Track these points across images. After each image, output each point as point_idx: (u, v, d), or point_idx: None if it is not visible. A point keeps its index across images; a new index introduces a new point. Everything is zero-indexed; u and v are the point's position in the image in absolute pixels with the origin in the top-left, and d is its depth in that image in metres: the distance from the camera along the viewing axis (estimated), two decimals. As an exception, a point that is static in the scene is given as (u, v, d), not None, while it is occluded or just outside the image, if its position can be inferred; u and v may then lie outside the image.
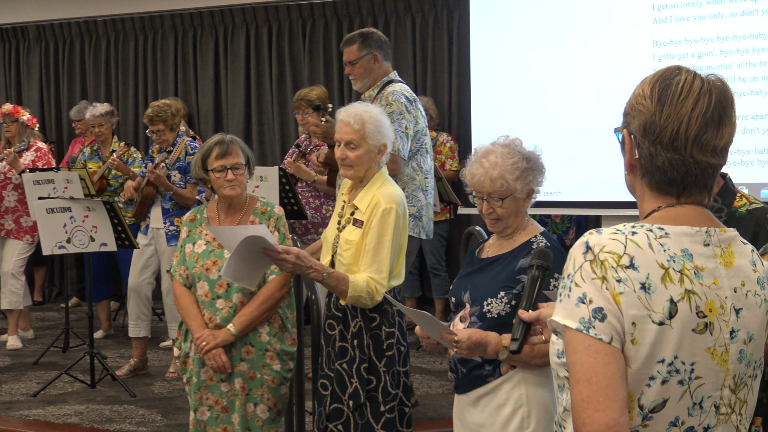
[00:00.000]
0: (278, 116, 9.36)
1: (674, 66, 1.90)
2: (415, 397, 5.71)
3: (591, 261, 1.78)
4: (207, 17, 9.66)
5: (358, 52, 5.30)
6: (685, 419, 1.81)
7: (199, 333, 4.08)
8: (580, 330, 1.75)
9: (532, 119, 5.95)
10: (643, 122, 1.86)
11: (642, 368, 1.76)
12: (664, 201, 1.89)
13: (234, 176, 4.16)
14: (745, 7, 5.30)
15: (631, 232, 1.81)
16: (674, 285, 1.78)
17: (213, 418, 4.13)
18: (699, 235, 1.85)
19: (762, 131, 5.24)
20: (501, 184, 3.20)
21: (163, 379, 6.64)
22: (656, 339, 1.76)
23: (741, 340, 1.85)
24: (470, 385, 3.26)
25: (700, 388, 1.81)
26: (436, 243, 7.97)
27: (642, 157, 1.88)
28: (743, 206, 2.89)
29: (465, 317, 3.25)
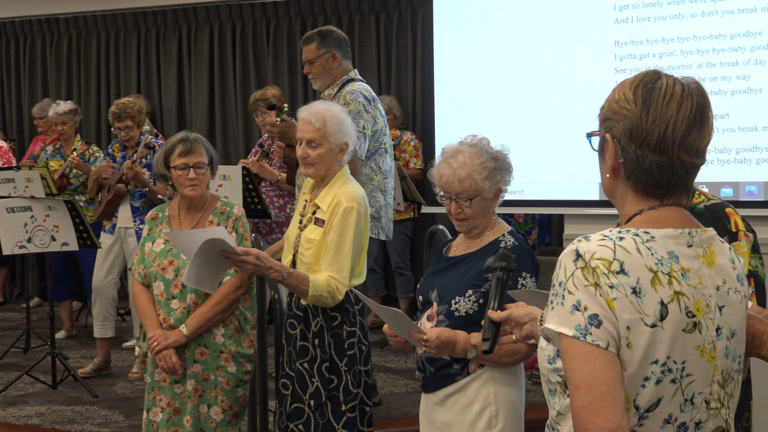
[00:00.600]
0: (242, 115, 9.34)
1: (652, 70, 1.95)
2: (379, 396, 5.71)
3: (582, 268, 1.81)
4: (170, 15, 9.61)
5: (317, 50, 5.26)
6: (678, 416, 1.86)
7: (151, 333, 4.05)
8: (576, 337, 1.79)
9: (495, 118, 5.96)
10: (628, 126, 1.90)
11: (637, 370, 1.81)
12: (647, 203, 1.93)
13: (196, 175, 4.12)
14: (705, 8, 5.35)
15: (619, 237, 1.85)
16: (663, 287, 1.83)
17: (164, 420, 4.09)
18: (682, 236, 1.90)
19: (722, 131, 5.28)
20: (469, 184, 3.21)
21: (126, 379, 6.60)
22: (650, 341, 1.80)
23: (725, 337, 1.92)
24: (438, 384, 3.27)
25: (691, 384, 1.86)
26: (400, 242, 7.98)
27: (627, 161, 1.92)
28: (701, 203, 2.95)
29: (432, 316, 3.25)
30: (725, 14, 5.33)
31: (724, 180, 5.29)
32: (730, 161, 5.28)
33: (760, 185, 5.18)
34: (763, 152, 5.18)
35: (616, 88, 1.97)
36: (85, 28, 9.95)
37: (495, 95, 6.05)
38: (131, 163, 6.37)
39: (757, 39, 5.20)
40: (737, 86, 5.27)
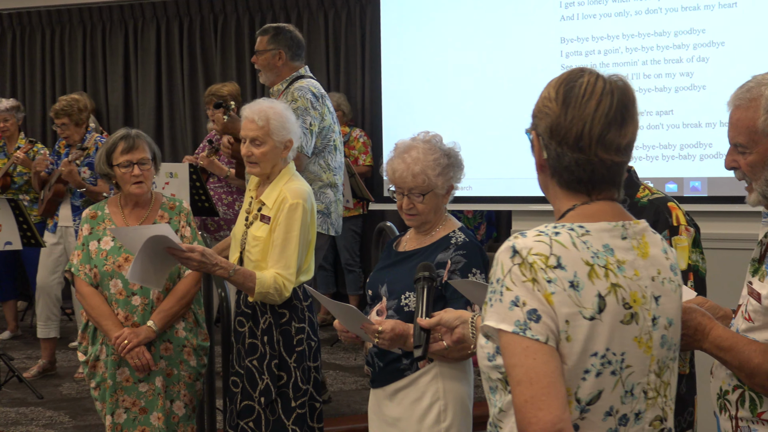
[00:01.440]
0: (190, 112, 9.27)
1: (578, 68, 1.97)
2: (328, 393, 5.71)
3: (519, 264, 1.82)
4: (116, 11, 9.51)
5: (266, 44, 5.28)
6: (619, 408, 1.88)
7: (117, 332, 3.96)
8: (516, 333, 1.80)
9: (443, 115, 5.98)
10: (549, 124, 1.92)
11: (577, 363, 1.82)
12: (577, 199, 1.95)
13: (140, 171, 4.06)
14: (649, 5, 5.41)
15: (555, 232, 1.86)
16: (600, 280, 1.85)
17: (130, 420, 4.04)
18: (617, 229, 1.92)
19: (666, 127, 5.35)
20: (423, 180, 3.23)
21: (72, 379, 6.52)
22: (589, 334, 1.82)
23: (662, 326, 1.94)
24: (387, 379, 3.28)
25: (631, 376, 1.88)
26: (349, 239, 7.97)
27: (550, 158, 1.94)
28: (645, 197, 2.99)
29: (382, 310, 3.26)
30: (669, 12, 5.40)
31: (668, 176, 5.36)
32: (675, 157, 5.35)
33: (704, 181, 5.26)
34: (706, 148, 5.25)
35: (546, 85, 1.98)
36: (29, 23, 9.80)
37: (443, 92, 6.07)
38: (66, 162, 6.30)
39: (701, 36, 5.28)
40: (681, 83, 5.34)
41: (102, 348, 4.07)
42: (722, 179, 5.09)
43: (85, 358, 4.14)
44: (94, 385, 4.11)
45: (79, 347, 4.22)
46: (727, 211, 5.09)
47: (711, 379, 2.49)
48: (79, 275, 4.08)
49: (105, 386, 4.06)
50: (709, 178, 5.23)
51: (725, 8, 5.23)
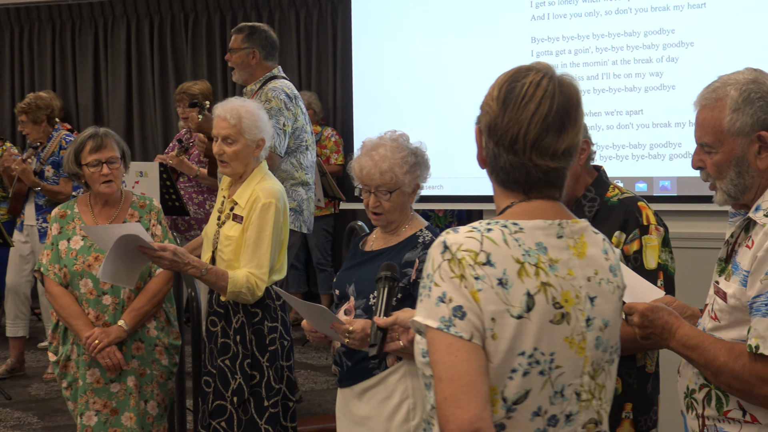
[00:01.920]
0: (161, 110, 9.23)
1: (526, 66, 1.93)
2: (300, 393, 5.71)
3: (449, 260, 1.81)
4: (86, 9, 9.44)
5: (241, 43, 5.34)
6: (548, 408, 1.84)
7: (88, 332, 3.93)
8: (441, 329, 1.78)
9: (415, 114, 5.99)
10: (488, 123, 1.91)
11: (503, 362, 1.79)
12: (515, 197, 1.93)
13: (109, 170, 4.03)
14: (619, 5, 5.44)
15: (487, 229, 1.84)
16: (530, 278, 1.82)
17: (101, 422, 4.00)
18: (552, 227, 1.89)
19: (636, 127, 5.38)
20: (390, 177, 3.23)
21: (41, 380, 6.47)
22: (516, 332, 1.79)
23: (597, 328, 1.90)
24: (356, 378, 3.28)
25: (561, 377, 1.84)
26: (321, 238, 7.97)
27: (488, 156, 1.93)
28: (615, 196, 3.00)
29: (350, 310, 3.26)
30: (639, 12, 5.43)
31: (638, 175, 5.39)
32: (645, 156, 5.38)
33: (674, 180, 5.30)
34: (676, 148, 5.29)
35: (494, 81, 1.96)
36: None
37: (414, 91, 6.08)
38: (20, 161, 6.26)
39: (670, 36, 5.31)
40: (651, 83, 5.38)
41: (73, 348, 4.05)
42: (691, 179, 5.13)
43: (56, 358, 4.10)
44: (65, 385, 4.09)
45: (49, 347, 4.18)
46: (696, 210, 5.13)
47: (678, 378, 2.51)
48: (48, 275, 4.05)
49: (76, 386, 4.04)
50: (678, 178, 5.27)
51: (694, 9, 5.27)
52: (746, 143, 2.30)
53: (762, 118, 2.28)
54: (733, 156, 2.32)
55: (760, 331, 2.16)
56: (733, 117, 2.30)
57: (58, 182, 6.36)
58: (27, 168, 6.25)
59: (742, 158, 2.32)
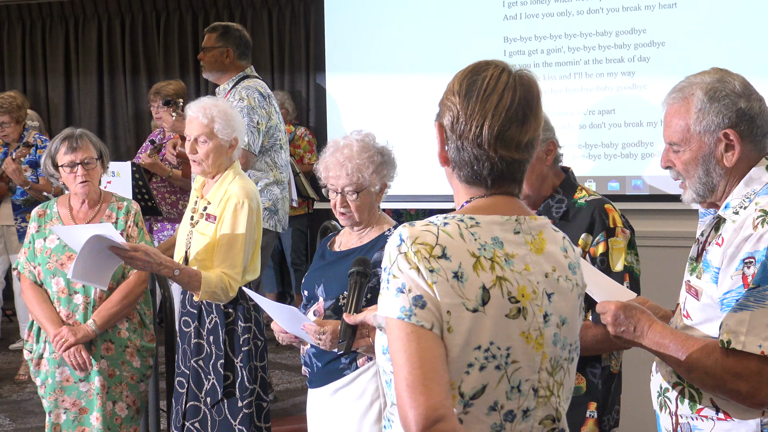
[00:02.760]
0: (132, 110, 9.17)
1: (484, 61, 1.95)
2: (274, 393, 5.70)
3: (405, 253, 1.80)
4: (56, 8, 9.36)
5: (215, 42, 5.37)
6: (504, 403, 1.84)
7: (56, 330, 3.95)
8: (402, 318, 1.77)
9: (387, 113, 5.99)
10: (451, 117, 1.91)
11: (460, 356, 1.79)
12: (476, 193, 1.93)
13: (85, 172, 4.03)
14: (591, 5, 5.46)
15: (444, 223, 1.84)
16: (486, 272, 1.82)
17: (69, 420, 4.03)
18: (509, 223, 1.90)
19: (608, 126, 5.41)
20: (357, 178, 3.23)
21: (13, 381, 6.42)
22: (471, 326, 1.79)
23: (554, 324, 1.90)
24: (326, 379, 3.27)
25: (517, 372, 1.84)
26: (295, 238, 7.95)
27: (451, 151, 1.93)
28: (582, 197, 3.02)
29: (319, 311, 3.25)
30: (611, 12, 5.46)
31: (611, 174, 5.42)
32: (617, 156, 5.41)
33: (645, 179, 5.33)
34: (647, 147, 5.32)
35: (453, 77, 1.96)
36: (-33, 20, 9.64)
37: (386, 90, 6.08)
38: (11, 160, 6.21)
39: (642, 36, 5.35)
40: (623, 83, 5.41)
41: (45, 345, 4.08)
42: (664, 178, 5.15)
43: (31, 355, 4.12)
44: (39, 383, 4.11)
45: (25, 345, 4.22)
46: (669, 209, 5.17)
47: (651, 377, 2.53)
48: (23, 272, 4.10)
49: (47, 384, 4.06)
50: (650, 177, 5.30)
51: (665, 9, 5.30)
52: (713, 141, 2.33)
53: (727, 116, 2.31)
54: (701, 154, 2.35)
55: (731, 326, 2.18)
56: (699, 116, 2.33)
57: (36, 181, 6.32)
58: (18, 167, 6.20)
59: (709, 156, 2.34)
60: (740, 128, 2.32)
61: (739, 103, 2.32)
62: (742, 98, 2.32)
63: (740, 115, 2.32)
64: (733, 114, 2.31)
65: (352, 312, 2.54)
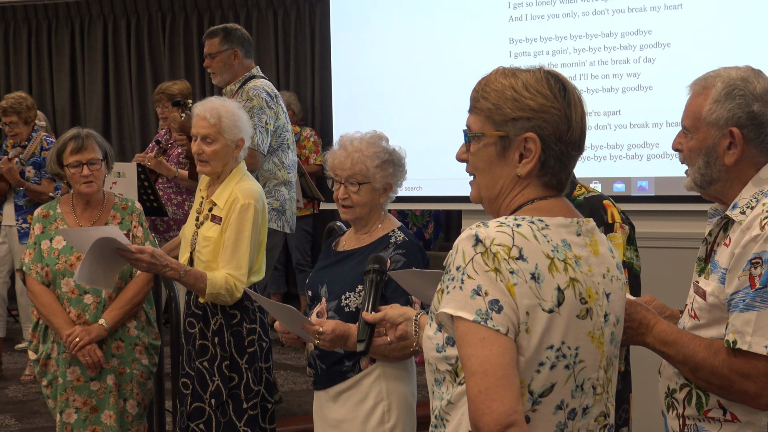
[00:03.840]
0: (138, 111, 9.19)
1: (541, 67, 1.98)
2: (279, 394, 5.70)
3: (482, 253, 1.81)
4: (62, 8, 9.39)
5: (219, 46, 5.34)
6: (569, 402, 1.88)
7: (68, 330, 3.97)
8: (477, 321, 1.78)
9: (393, 114, 5.98)
10: (555, 125, 1.91)
11: (533, 355, 1.82)
12: (541, 194, 1.95)
13: (90, 171, 4.06)
14: (596, 6, 5.45)
15: (516, 224, 1.86)
16: (560, 273, 1.86)
17: (81, 420, 4.04)
18: (572, 225, 1.94)
19: (614, 127, 5.40)
20: (360, 169, 3.24)
21: (18, 382, 6.43)
22: (546, 326, 1.82)
23: (612, 323, 1.97)
24: (330, 381, 3.28)
25: (583, 371, 1.89)
26: (301, 238, 7.95)
27: (551, 158, 1.92)
28: (581, 195, 3.05)
29: (322, 312, 3.25)
30: (616, 13, 5.45)
31: (616, 175, 5.41)
32: (622, 157, 5.40)
33: (651, 180, 5.32)
34: (653, 148, 5.31)
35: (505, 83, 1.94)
36: (-27, 21, 9.66)
37: (392, 91, 6.08)
38: (6, 160, 6.22)
39: (647, 37, 5.33)
40: (628, 84, 5.40)
41: (53, 346, 4.09)
42: (669, 179, 5.15)
43: (36, 356, 4.13)
44: (45, 383, 4.13)
45: (29, 346, 4.22)
46: (674, 210, 5.16)
47: (659, 378, 2.52)
48: (30, 274, 4.10)
49: (56, 384, 4.07)
50: (656, 178, 5.29)
51: (671, 10, 5.29)
52: (718, 136, 2.34)
53: (737, 115, 2.32)
54: (704, 145, 2.36)
55: (738, 326, 2.18)
56: (712, 107, 2.34)
57: (39, 183, 6.33)
58: (13, 167, 6.21)
59: (712, 149, 2.35)
60: (747, 130, 2.32)
61: (752, 106, 2.32)
62: (758, 102, 2.32)
63: (750, 118, 2.32)
64: (743, 114, 2.32)
65: (370, 311, 2.53)
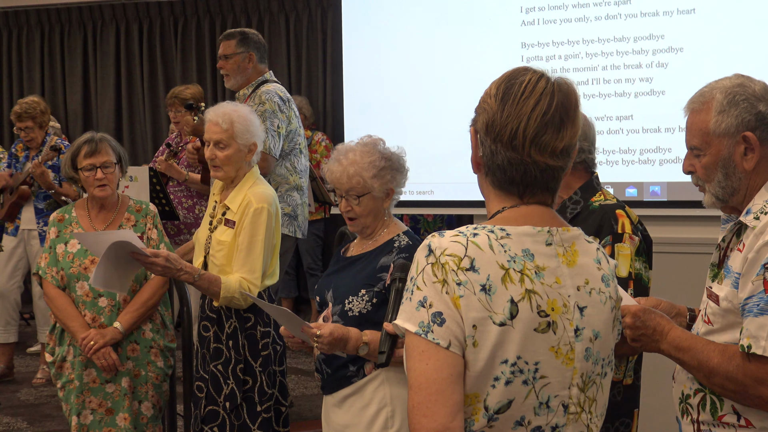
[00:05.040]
0: (150, 114, 9.21)
1: (523, 66, 1.91)
2: (291, 398, 5.70)
3: (433, 264, 1.77)
4: (75, 13, 9.42)
5: (236, 48, 5.37)
6: (532, 419, 1.80)
7: (84, 333, 4.00)
8: (418, 333, 1.74)
9: (405, 119, 5.98)
10: (486, 120, 1.87)
11: (485, 369, 1.75)
12: (508, 201, 1.89)
13: (104, 175, 4.09)
14: (609, 11, 5.45)
15: (473, 233, 1.80)
16: (514, 285, 1.78)
17: (96, 421, 4.07)
18: (541, 234, 1.85)
19: (626, 132, 5.39)
20: (358, 182, 3.23)
21: (30, 385, 6.45)
22: (498, 340, 1.75)
23: (587, 338, 1.85)
24: (336, 386, 3.28)
25: (546, 387, 1.80)
26: (312, 243, 7.96)
27: (485, 155, 1.88)
28: (598, 201, 3.01)
29: (328, 317, 3.25)
30: (629, 18, 5.44)
31: (628, 180, 5.40)
32: (635, 162, 5.39)
33: (663, 185, 5.31)
34: (666, 153, 5.30)
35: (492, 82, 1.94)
36: (-14, 25, 9.69)
37: (404, 95, 6.08)
38: (38, 163, 6.25)
39: (660, 42, 5.33)
40: (641, 88, 5.39)
41: (69, 349, 4.11)
42: (681, 184, 5.14)
43: (53, 359, 4.16)
44: (60, 385, 4.15)
45: (47, 348, 4.26)
46: (686, 215, 5.15)
47: (673, 384, 2.52)
48: (46, 277, 4.13)
49: (71, 387, 4.09)
50: (668, 183, 5.28)
51: (684, 14, 5.28)
52: (732, 144, 2.33)
53: (746, 119, 2.32)
54: (720, 157, 2.35)
55: (752, 331, 2.17)
56: (718, 119, 2.33)
57: (61, 185, 6.36)
58: (45, 170, 6.25)
59: (729, 159, 2.34)
60: (759, 131, 2.32)
61: (758, 107, 2.32)
62: (761, 102, 2.33)
63: (759, 119, 2.32)
64: (752, 117, 2.32)
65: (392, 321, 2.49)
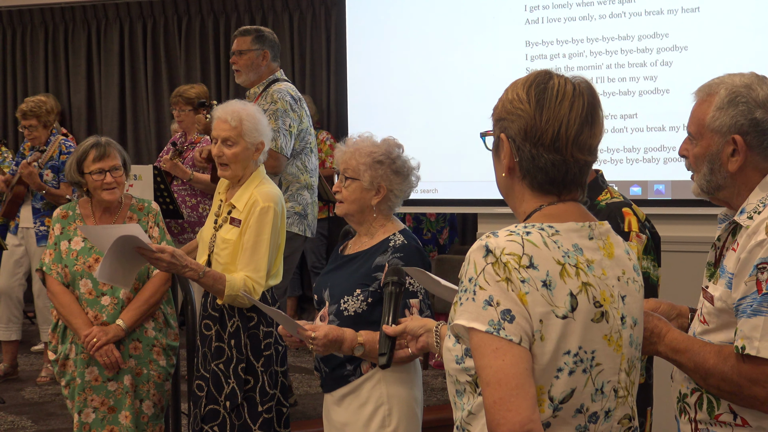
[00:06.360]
0: (154, 113, 9.22)
1: (543, 70, 1.99)
2: (295, 397, 5.70)
3: (493, 263, 1.83)
4: (79, 12, 9.43)
5: (251, 44, 5.41)
6: (589, 405, 1.90)
7: (86, 330, 4.01)
8: (489, 332, 1.80)
9: (408, 117, 5.98)
10: (523, 126, 1.94)
11: (550, 362, 1.84)
12: (545, 200, 1.97)
13: (113, 179, 4.12)
14: (613, 9, 5.44)
15: (526, 232, 1.88)
16: (572, 279, 1.87)
17: (98, 419, 4.08)
18: (584, 229, 1.95)
19: (630, 130, 5.38)
20: (351, 164, 3.28)
21: (34, 383, 6.45)
22: (562, 332, 1.84)
23: (629, 325, 1.98)
24: (334, 385, 3.30)
25: (601, 374, 1.91)
26: (316, 241, 7.97)
27: (523, 160, 1.95)
28: (605, 200, 3.01)
29: (324, 316, 3.27)
30: (633, 16, 5.43)
31: (633, 179, 5.40)
32: (639, 160, 5.39)
33: (668, 184, 5.30)
34: (670, 151, 5.29)
35: (508, 88, 2.00)
36: (-10, 24, 9.70)
37: (408, 94, 6.08)
38: (26, 164, 6.25)
39: (664, 40, 5.32)
40: (645, 87, 5.38)
41: (72, 347, 4.12)
42: (686, 182, 5.12)
43: (55, 356, 4.17)
44: (64, 383, 4.16)
45: (49, 346, 4.26)
46: (691, 214, 5.14)
47: (671, 384, 2.52)
48: (51, 274, 4.14)
49: (74, 384, 4.10)
50: (672, 182, 5.27)
51: (688, 13, 5.27)
52: (721, 143, 2.33)
53: (740, 122, 2.31)
54: (708, 152, 2.36)
55: (746, 332, 2.17)
56: (715, 114, 2.33)
57: (57, 186, 6.36)
58: (33, 171, 6.25)
59: (716, 156, 2.35)
60: (749, 137, 2.31)
61: (755, 113, 2.31)
62: (760, 109, 2.31)
63: (753, 125, 2.31)
64: (746, 122, 2.31)
65: (390, 323, 2.52)
